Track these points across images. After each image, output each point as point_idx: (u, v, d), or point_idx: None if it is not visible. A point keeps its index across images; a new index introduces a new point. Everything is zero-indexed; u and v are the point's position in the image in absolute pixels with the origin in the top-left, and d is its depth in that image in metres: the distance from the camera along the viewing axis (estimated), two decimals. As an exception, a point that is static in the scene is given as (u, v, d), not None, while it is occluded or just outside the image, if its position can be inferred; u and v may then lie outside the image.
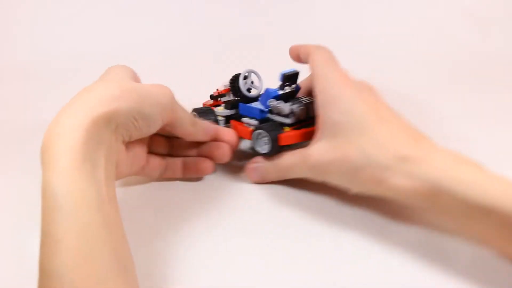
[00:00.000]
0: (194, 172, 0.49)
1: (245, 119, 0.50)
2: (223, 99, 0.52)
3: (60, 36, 0.72)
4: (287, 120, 0.47)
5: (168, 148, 0.49)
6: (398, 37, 0.71)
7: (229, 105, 0.51)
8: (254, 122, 0.49)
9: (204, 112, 0.51)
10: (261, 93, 0.51)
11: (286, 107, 0.46)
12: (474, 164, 0.37)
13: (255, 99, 0.51)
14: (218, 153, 0.48)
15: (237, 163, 0.51)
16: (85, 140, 0.35)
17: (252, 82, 0.52)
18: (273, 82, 0.50)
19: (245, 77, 0.51)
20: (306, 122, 0.47)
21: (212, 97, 0.53)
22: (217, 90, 0.53)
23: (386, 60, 0.57)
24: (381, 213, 0.42)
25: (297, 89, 0.48)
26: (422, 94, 0.47)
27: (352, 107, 0.40)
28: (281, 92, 0.47)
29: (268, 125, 0.47)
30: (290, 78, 0.47)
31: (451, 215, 0.37)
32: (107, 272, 0.31)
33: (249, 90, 0.51)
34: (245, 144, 0.53)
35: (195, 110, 0.51)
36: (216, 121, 0.51)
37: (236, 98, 0.51)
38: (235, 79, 0.51)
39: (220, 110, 0.51)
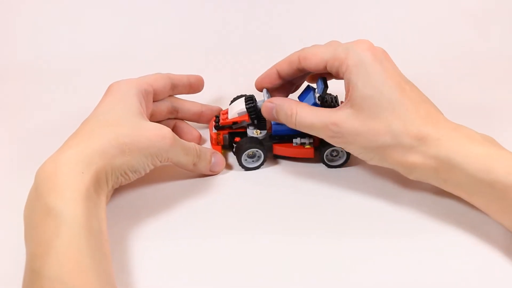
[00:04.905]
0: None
1: (295, 140, 0.49)
2: (234, 127, 0.50)
3: (60, 36, 0.72)
4: None
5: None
6: (397, 37, 0.71)
7: (261, 128, 0.50)
8: (304, 140, 0.49)
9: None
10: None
11: None
12: (487, 140, 0.41)
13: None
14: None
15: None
16: (87, 185, 0.38)
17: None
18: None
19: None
20: None
21: (218, 127, 0.51)
22: (217, 117, 0.51)
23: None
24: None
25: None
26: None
27: (382, 83, 0.43)
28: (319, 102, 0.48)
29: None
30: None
31: (462, 189, 0.41)
32: (101, 283, 0.34)
33: None
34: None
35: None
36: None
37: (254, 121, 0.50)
38: (253, 102, 0.49)
39: (258, 134, 0.49)
